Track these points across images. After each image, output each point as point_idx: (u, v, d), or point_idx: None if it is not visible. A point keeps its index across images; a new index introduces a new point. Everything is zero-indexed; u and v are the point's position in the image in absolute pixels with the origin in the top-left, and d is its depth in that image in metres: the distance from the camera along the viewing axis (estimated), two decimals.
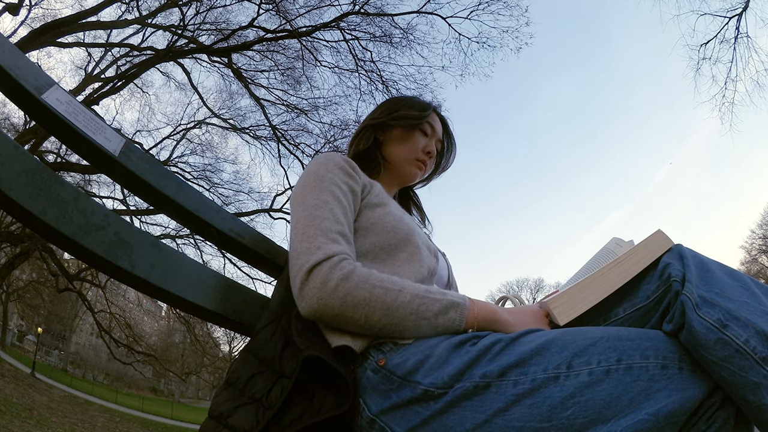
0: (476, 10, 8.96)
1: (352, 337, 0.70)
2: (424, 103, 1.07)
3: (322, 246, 0.72)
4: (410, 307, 0.68)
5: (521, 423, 0.54)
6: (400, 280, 0.72)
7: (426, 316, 0.68)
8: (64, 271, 12.10)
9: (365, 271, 0.70)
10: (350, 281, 0.68)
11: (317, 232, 0.74)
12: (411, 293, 0.69)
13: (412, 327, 0.68)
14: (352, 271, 0.69)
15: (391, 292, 0.68)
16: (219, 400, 0.69)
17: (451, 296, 0.71)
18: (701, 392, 0.53)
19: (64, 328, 33.19)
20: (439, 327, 0.69)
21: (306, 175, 0.85)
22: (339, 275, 0.68)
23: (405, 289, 0.69)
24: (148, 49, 10.19)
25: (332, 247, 0.72)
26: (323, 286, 0.68)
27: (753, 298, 0.57)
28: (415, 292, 0.70)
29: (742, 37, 7.93)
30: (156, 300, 3.36)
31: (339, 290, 0.68)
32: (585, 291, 0.67)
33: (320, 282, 0.68)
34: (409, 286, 0.70)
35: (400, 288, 0.69)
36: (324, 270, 0.69)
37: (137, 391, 33.60)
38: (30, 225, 0.71)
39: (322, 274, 0.69)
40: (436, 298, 0.70)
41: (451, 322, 0.69)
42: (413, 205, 1.17)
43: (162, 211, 1.00)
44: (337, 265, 0.69)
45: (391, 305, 0.68)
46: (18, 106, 0.77)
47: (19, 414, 7.96)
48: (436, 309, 0.69)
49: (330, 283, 0.68)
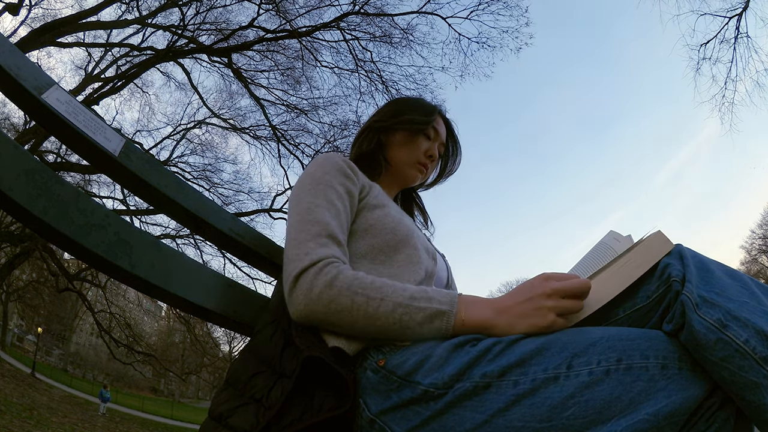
0: (476, 10, 8.97)
1: (346, 339, 0.70)
2: (430, 106, 1.06)
3: (309, 252, 0.72)
4: (392, 317, 0.66)
5: (521, 423, 0.54)
6: (386, 285, 0.69)
7: (410, 326, 0.66)
8: (64, 271, 12.11)
9: (349, 276, 0.69)
10: (333, 288, 0.68)
11: (307, 237, 0.74)
12: (393, 302, 0.67)
13: (398, 335, 0.68)
14: (335, 277, 0.69)
15: (373, 301, 0.67)
16: (219, 400, 0.69)
17: (438, 303, 0.67)
18: (701, 392, 0.53)
19: (64, 328, 33.17)
20: (426, 335, 0.67)
21: (303, 177, 0.85)
22: (323, 282, 0.68)
23: (387, 297, 0.67)
24: (148, 49, 10.19)
25: (319, 251, 0.72)
26: (308, 293, 0.68)
27: (753, 298, 0.57)
28: (398, 300, 0.67)
29: (742, 37, 7.93)
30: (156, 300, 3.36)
31: (323, 297, 0.68)
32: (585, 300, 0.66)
33: (306, 289, 0.69)
34: (393, 293, 0.68)
35: (382, 296, 0.67)
36: (309, 277, 0.69)
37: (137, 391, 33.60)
38: (30, 225, 0.71)
39: (308, 281, 0.69)
40: (420, 306, 0.67)
41: (437, 331, 0.67)
42: (416, 206, 1.17)
43: (162, 211, 1.00)
44: (322, 271, 0.69)
45: (373, 315, 0.67)
46: (18, 106, 0.77)
47: (19, 414, 7.96)
48: (419, 318, 0.66)
49: (315, 290, 0.68)
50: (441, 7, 9.05)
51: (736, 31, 7.93)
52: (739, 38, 7.94)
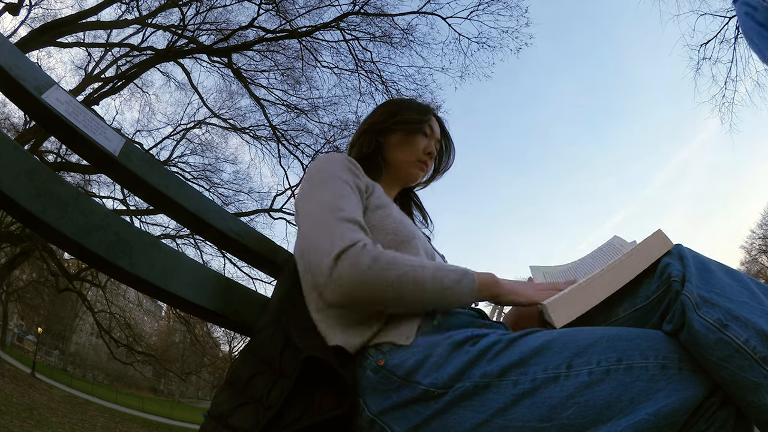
0: (476, 10, 8.97)
1: (348, 336, 0.70)
2: (424, 105, 1.08)
3: (344, 234, 0.72)
4: (434, 281, 0.71)
5: (521, 423, 0.54)
6: (416, 258, 0.75)
7: (448, 286, 0.72)
8: (64, 271, 12.11)
9: (389, 253, 0.73)
10: (380, 262, 0.70)
11: (335, 222, 0.74)
12: (432, 268, 0.73)
13: (439, 298, 0.72)
14: (380, 254, 0.71)
15: (417, 269, 0.71)
16: (219, 400, 0.69)
17: (460, 268, 0.76)
18: (701, 392, 0.53)
19: (64, 328, 33.18)
20: (458, 295, 0.73)
21: (312, 173, 0.85)
22: (369, 258, 0.70)
23: (426, 266, 0.73)
24: (148, 49, 10.19)
25: (354, 235, 0.73)
26: (354, 268, 0.68)
27: (753, 298, 0.57)
28: (434, 266, 0.74)
29: (742, 37, 7.92)
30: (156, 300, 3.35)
31: (371, 273, 0.68)
32: (582, 293, 0.66)
33: (350, 266, 0.69)
34: (426, 262, 0.75)
35: (422, 265, 0.73)
36: (351, 255, 0.69)
37: (137, 391, 33.60)
38: (30, 225, 0.71)
39: (351, 259, 0.69)
40: (449, 269, 0.74)
41: (466, 288, 0.73)
42: (414, 204, 1.17)
43: (162, 211, 1.00)
44: (364, 249, 0.70)
45: (421, 280, 0.71)
46: (18, 106, 0.77)
47: (19, 414, 7.97)
48: (453, 278, 0.73)
49: (361, 266, 0.69)
50: (441, 8, 9.06)
51: (736, 31, 7.93)
52: (739, 38, 7.94)
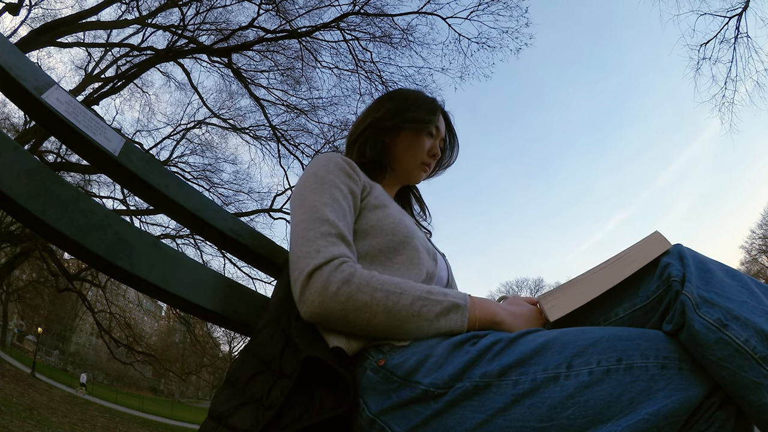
0: (476, 10, 8.96)
1: (347, 339, 0.70)
2: (432, 101, 1.04)
3: (321, 249, 0.71)
4: (411, 309, 0.68)
5: (521, 423, 0.54)
6: (402, 281, 0.71)
7: (428, 318, 0.68)
8: (64, 271, 12.11)
9: (366, 274, 0.70)
10: (351, 284, 0.68)
11: (317, 236, 0.73)
12: (412, 295, 0.69)
13: (414, 329, 0.68)
14: (352, 274, 0.69)
15: (393, 295, 0.68)
16: (219, 400, 0.69)
17: (453, 297, 0.71)
18: (701, 392, 0.53)
19: (64, 328, 33.17)
20: (441, 329, 0.68)
21: (306, 176, 0.85)
22: (340, 278, 0.68)
23: (406, 292, 0.69)
24: (148, 49, 10.19)
25: (332, 249, 0.72)
26: (324, 290, 0.68)
27: (753, 297, 0.57)
28: (416, 294, 0.69)
29: (742, 37, 7.92)
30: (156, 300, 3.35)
31: (340, 294, 0.67)
32: (577, 289, 0.67)
33: (321, 286, 0.68)
34: (410, 287, 0.70)
35: (401, 290, 0.69)
36: (325, 274, 0.68)
37: (137, 391, 33.59)
38: (30, 225, 0.71)
39: (323, 278, 0.68)
40: (437, 299, 0.70)
41: (453, 323, 0.69)
42: (413, 197, 1.16)
43: (162, 211, 1.00)
44: (338, 269, 0.69)
45: (393, 308, 0.68)
46: (18, 106, 0.77)
47: (19, 414, 7.97)
48: (437, 311, 0.69)
49: (331, 287, 0.67)
50: (441, 8, 9.04)
51: (736, 31, 7.93)
52: (739, 38, 7.94)
